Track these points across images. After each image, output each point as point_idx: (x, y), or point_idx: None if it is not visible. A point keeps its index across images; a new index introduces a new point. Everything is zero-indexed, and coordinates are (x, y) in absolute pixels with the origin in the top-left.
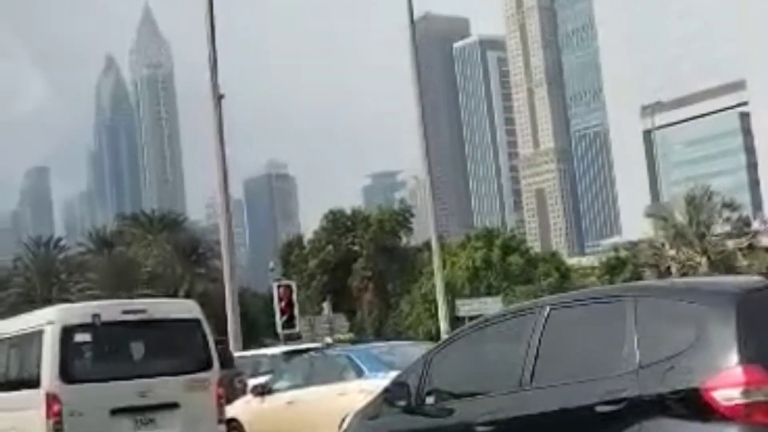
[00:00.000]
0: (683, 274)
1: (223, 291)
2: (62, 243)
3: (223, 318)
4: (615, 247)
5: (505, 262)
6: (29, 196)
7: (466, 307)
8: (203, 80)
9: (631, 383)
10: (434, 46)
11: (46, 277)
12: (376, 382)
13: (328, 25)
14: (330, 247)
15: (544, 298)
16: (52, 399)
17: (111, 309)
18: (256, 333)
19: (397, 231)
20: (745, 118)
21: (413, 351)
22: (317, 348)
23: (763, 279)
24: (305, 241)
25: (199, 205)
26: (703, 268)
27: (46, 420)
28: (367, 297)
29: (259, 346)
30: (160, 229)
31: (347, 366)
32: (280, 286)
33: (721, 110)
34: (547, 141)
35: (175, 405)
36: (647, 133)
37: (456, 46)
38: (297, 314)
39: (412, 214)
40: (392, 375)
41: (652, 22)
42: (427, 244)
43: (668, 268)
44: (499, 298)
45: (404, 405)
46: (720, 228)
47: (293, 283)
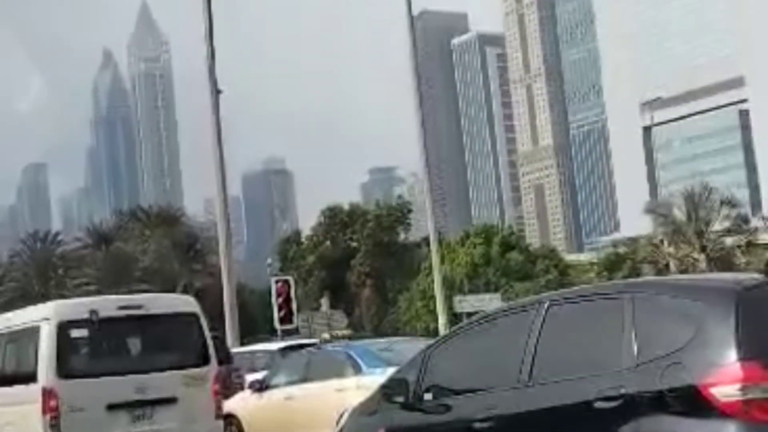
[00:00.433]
0: (682, 271)
1: (221, 286)
2: (59, 238)
3: (220, 313)
4: (614, 244)
5: (503, 259)
6: (27, 192)
7: (465, 304)
8: (201, 75)
9: (630, 380)
10: (433, 41)
11: (43, 273)
12: (374, 378)
13: (326, 20)
14: (328, 243)
15: (542, 294)
16: (48, 394)
17: (108, 304)
18: (254, 328)
19: (396, 227)
20: (745, 114)
21: (411, 347)
22: (315, 344)
23: (761, 276)
24: (303, 237)
25: (197, 201)
26: (702, 265)
27: (43, 415)
28: (366, 293)
29: (256, 342)
30: (157, 225)
31: (345, 362)
32: (278, 282)
33: (721, 107)
34: (546, 137)
35: (172, 400)
36: (646, 130)
37: (454, 42)
38: (295, 310)
39: (410, 210)
40: (390, 371)
41: (652, 17)
42: (426, 240)
43: (667, 265)
44: (498, 295)
45: (402, 401)
46: (719, 225)
47: (291, 279)
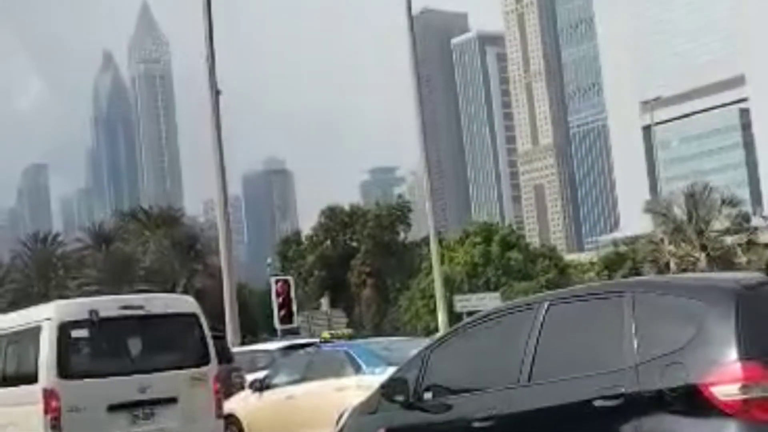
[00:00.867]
0: (682, 270)
1: (221, 286)
2: (60, 239)
3: (221, 313)
4: (614, 243)
5: (503, 258)
6: (27, 193)
7: (465, 303)
8: (201, 76)
9: (630, 379)
10: (433, 41)
11: (43, 273)
12: (374, 378)
13: (326, 20)
14: (328, 243)
15: (542, 293)
16: (49, 395)
17: (108, 305)
18: (254, 328)
19: (396, 226)
20: (745, 113)
21: (411, 346)
22: (315, 343)
23: (762, 275)
24: (303, 237)
25: (197, 201)
26: (702, 264)
27: (44, 416)
28: (366, 292)
29: (257, 342)
30: (157, 225)
31: (345, 361)
32: (278, 282)
33: (721, 106)
34: (546, 136)
35: (173, 400)
36: (646, 129)
37: (454, 41)
38: (295, 309)
39: (410, 210)
40: (390, 370)
41: (652, 16)
42: (426, 240)
43: (667, 264)
44: (498, 294)
45: (402, 400)
46: (719, 224)
47: (291, 279)
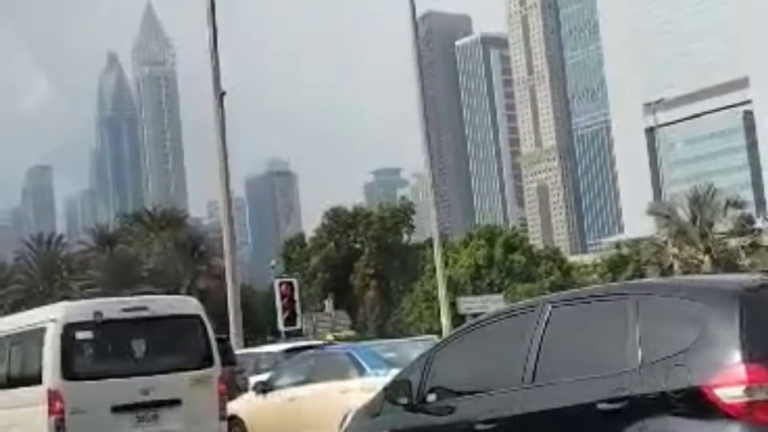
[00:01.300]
0: (686, 272)
1: (225, 288)
2: (64, 240)
3: (224, 315)
4: (617, 245)
5: (507, 260)
6: (31, 194)
7: (468, 305)
8: (205, 77)
9: (634, 381)
10: (437, 43)
11: (47, 275)
12: (378, 380)
13: (330, 22)
14: (332, 245)
15: (546, 295)
16: (54, 396)
17: (112, 306)
18: (258, 330)
19: (399, 228)
20: (749, 115)
21: (414, 348)
22: (318, 345)
23: (765, 277)
24: (307, 239)
25: (201, 203)
26: (706, 266)
27: (48, 417)
28: (369, 294)
29: (260, 343)
30: (161, 227)
31: (348, 363)
32: (281, 284)
33: (725, 108)
34: (550, 138)
35: (177, 402)
36: (650, 131)
37: (458, 43)
38: (299, 311)
39: (413, 211)
40: (393, 373)
41: (655, 19)
42: (429, 242)
43: (671, 266)
44: (501, 296)
45: (406, 403)
46: (723, 226)
47: (295, 280)
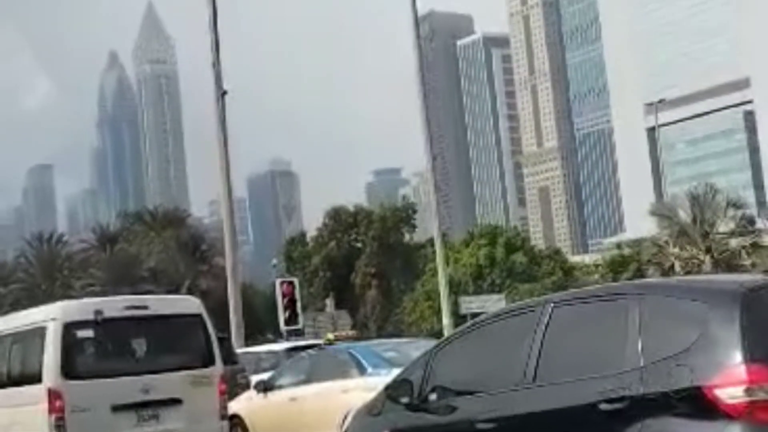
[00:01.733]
0: (687, 273)
1: (226, 287)
2: (65, 239)
3: (225, 314)
4: (618, 245)
5: (508, 260)
6: (32, 193)
7: (470, 305)
8: (207, 76)
9: (635, 381)
10: (438, 43)
11: (48, 274)
12: (379, 379)
13: (332, 22)
14: (333, 244)
15: (547, 295)
16: (54, 395)
17: (113, 305)
18: (259, 329)
19: (401, 228)
20: (750, 116)
21: (416, 348)
22: (319, 344)
23: (766, 277)
24: (308, 238)
25: (203, 202)
26: (707, 266)
27: (49, 416)
28: (371, 294)
29: (261, 343)
30: (163, 226)
31: (350, 363)
32: (283, 283)
33: (726, 108)
34: (551, 139)
35: (177, 401)
36: (651, 131)
37: (460, 43)
38: (300, 310)
39: (414, 211)
40: (395, 372)
41: (657, 19)
42: (431, 241)
43: (672, 267)
44: (503, 296)
45: (407, 402)
46: (724, 226)
47: (296, 280)
